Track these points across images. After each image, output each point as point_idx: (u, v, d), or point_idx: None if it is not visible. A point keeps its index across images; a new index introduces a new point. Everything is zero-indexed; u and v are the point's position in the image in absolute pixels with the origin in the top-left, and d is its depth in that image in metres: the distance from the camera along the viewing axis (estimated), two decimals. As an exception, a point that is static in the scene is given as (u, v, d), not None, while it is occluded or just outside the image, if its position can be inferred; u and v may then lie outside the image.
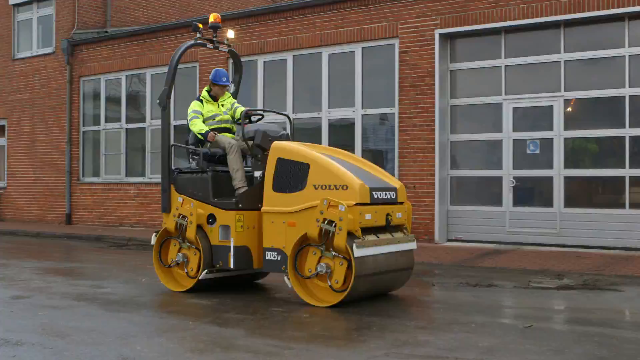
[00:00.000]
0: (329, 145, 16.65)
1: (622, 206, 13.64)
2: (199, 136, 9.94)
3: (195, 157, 9.90)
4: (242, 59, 17.59)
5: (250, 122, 10.17)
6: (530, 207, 14.54)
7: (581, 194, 14.25)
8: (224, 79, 10.20)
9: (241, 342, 6.73)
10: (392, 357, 6.12)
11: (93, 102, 21.95)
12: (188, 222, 9.33)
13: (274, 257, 8.87)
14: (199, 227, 9.36)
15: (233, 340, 6.82)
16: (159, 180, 18.04)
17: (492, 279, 10.67)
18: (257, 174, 9.65)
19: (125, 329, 7.22)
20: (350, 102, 16.52)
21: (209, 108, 10.20)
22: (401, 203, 9.05)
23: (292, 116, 17.24)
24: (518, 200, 14.65)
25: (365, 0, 16.21)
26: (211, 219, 9.36)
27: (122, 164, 21.10)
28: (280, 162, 8.91)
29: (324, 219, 8.29)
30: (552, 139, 14.27)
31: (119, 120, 21.18)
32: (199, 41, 10.27)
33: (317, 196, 8.48)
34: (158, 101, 9.96)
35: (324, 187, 8.54)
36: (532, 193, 14.70)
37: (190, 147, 10.06)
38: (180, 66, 10.71)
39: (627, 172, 13.57)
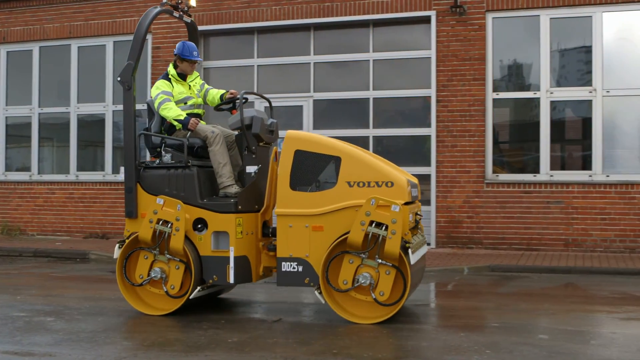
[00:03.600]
0: (77, 141, 16.08)
1: (366, 203, 14.35)
2: (175, 123, 8.20)
3: (168, 148, 8.18)
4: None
5: (234, 107, 8.52)
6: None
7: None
8: (195, 53, 8.51)
9: (-24, 349, 6.28)
10: (140, 357, 5.99)
11: None
12: (173, 229, 7.66)
13: (294, 268, 7.53)
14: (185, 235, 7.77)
15: (-33, 348, 6.34)
16: None
17: (243, 275, 10.78)
18: (251, 169, 8.07)
19: None
20: (101, 97, 16.01)
21: (180, 89, 8.47)
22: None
23: (38, 110, 16.46)
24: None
25: (117, -7, 15.81)
26: (200, 224, 7.82)
27: None
28: (300, 154, 7.57)
29: (371, 222, 7.19)
30: (302, 138, 14.70)
31: None
32: (165, 7, 8.55)
33: (354, 195, 7.37)
34: (119, 79, 8.14)
35: (361, 184, 7.38)
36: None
37: (165, 136, 8.27)
38: None
39: (370, 170, 14.31)
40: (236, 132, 8.31)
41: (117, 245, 7.99)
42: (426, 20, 13.90)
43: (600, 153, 13.06)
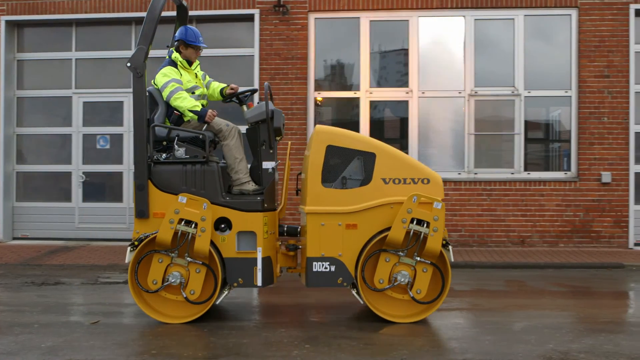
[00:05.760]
0: None
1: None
2: (190, 115, 7.57)
3: (181, 143, 7.51)
4: None
5: (240, 100, 8.14)
6: (101, 202, 14.49)
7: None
8: (200, 38, 7.96)
9: None
10: (-58, 366, 5.64)
11: None
12: (198, 229, 7.11)
13: (326, 268, 7.23)
14: None
15: None
16: None
17: (59, 277, 10.40)
18: (268, 165, 7.55)
19: None
20: None
21: (187, 77, 7.87)
22: None
23: None
24: (88, 196, 14.50)
25: None
26: (223, 224, 7.32)
27: None
28: (332, 150, 7.29)
29: (412, 219, 7.04)
30: (122, 134, 14.38)
31: None
32: None
33: (389, 191, 7.20)
34: (129, 64, 7.41)
35: (397, 181, 7.22)
36: (102, 188, 14.64)
37: (182, 128, 7.62)
38: None
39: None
40: (246, 127, 7.82)
41: (129, 248, 7.30)
42: (250, 18, 13.93)
43: (416, 151, 13.60)
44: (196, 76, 8.11)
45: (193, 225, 7.15)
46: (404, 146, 13.80)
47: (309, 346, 6.32)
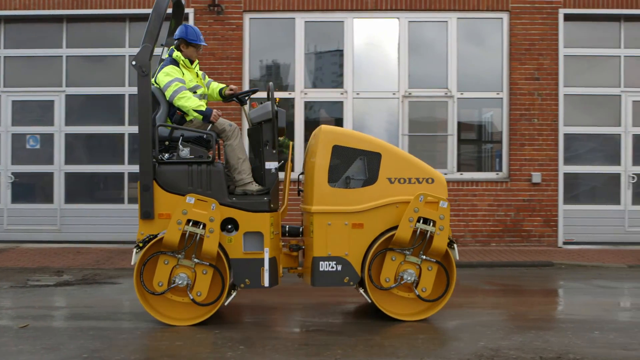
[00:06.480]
0: None
1: (122, 201, 14.06)
2: (195, 114, 7.47)
3: (185, 142, 7.40)
4: None
5: (240, 100, 8.16)
6: (31, 203, 14.20)
7: (82, 189, 14.31)
8: (201, 37, 7.86)
9: None
10: None
11: None
12: (207, 230, 6.97)
13: (332, 267, 7.27)
14: None
15: None
16: None
17: (-13, 280, 10.15)
18: (271, 165, 7.48)
19: None
20: None
21: (189, 76, 7.73)
22: None
23: None
24: (17, 197, 14.19)
25: None
26: (230, 224, 7.23)
27: None
28: (338, 150, 7.35)
29: (419, 218, 7.11)
30: (52, 134, 14.11)
31: None
32: None
33: (395, 191, 7.30)
34: (134, 63, 7.24)
35: (402, 180, 7.32)
36: (32, 189, 14.35)
37: (187, 128, 7.53)
38: None
39: (126, 168, 14.01)
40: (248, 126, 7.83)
41: (135, 250, 7.13)
42: (184, 17, 13.79)
43: (351, 152, 13.65)
44: (197, 75, 8.03)
45: (201, 226, 7.05)
46: (339, 147, 13.82)
47: (244, 347, 6.30)
